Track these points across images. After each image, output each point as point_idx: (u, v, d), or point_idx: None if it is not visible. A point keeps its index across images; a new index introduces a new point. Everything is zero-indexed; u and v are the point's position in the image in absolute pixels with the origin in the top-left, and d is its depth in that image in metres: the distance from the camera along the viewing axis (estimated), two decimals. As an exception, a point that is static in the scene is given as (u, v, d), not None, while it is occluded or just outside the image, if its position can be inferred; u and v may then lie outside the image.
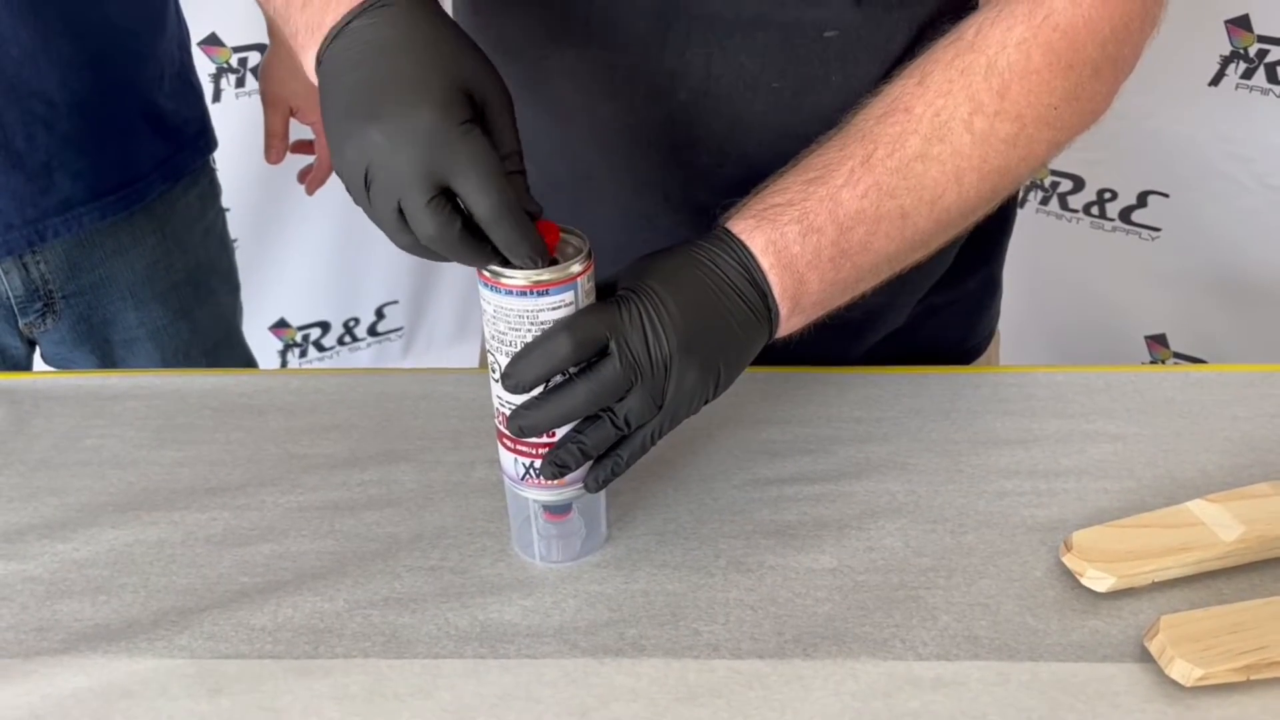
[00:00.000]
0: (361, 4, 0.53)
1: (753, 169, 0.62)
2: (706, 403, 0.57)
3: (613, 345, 0.53)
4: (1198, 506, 0.61)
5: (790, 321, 0.58)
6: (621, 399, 0.54)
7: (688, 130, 0.68)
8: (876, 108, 0.60)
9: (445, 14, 0.54)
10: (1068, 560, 0.60)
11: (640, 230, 0.72)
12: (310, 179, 1.19)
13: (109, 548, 0.63)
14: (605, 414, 0.55)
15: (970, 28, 0.60)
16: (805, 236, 0.57)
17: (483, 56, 0.53)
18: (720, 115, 0.67)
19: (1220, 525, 0.60)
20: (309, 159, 1.20)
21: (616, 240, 0.63)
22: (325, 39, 0.54)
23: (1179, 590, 0.59)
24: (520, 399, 0.55)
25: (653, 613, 0.58)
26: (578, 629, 0.57)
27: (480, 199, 0.49)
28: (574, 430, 0.56)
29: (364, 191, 0.51)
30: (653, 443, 0.57)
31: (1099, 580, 0.58)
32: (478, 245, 0.51)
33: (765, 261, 0.56)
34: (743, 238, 0.57)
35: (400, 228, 0.51)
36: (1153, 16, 0.61)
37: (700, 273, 0.56)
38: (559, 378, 0.54)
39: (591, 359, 0.54)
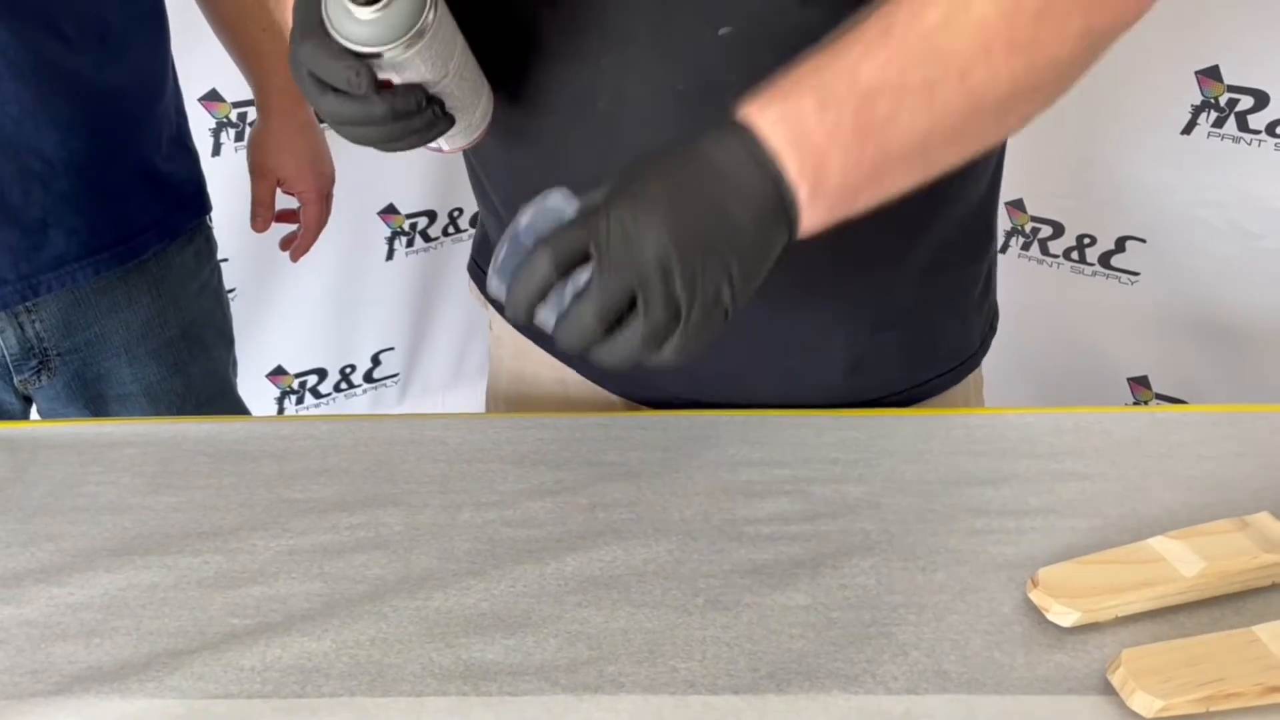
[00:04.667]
0: None
1: None
2: (729, 306, 0.55)
3: (592, 248, 0.54)
4: (1160, 543, 0.63)
5: (813, 206, 0.55)
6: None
7: (607, 139, 0.69)
8: None
9: None
10: (1034, 596, 0.61)
11: None
12: (295, 247, 1.19)
13: (103, 591, 0.65)
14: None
15: None
16: (823, 110, 0.53)
17: None
18: (633, 122, 0.68)
19: (1181, 561, 0.62)
20: (292, 227, 1.20)
21: None
22: None
23: (1142, 624, 0.61)
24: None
25: (631, 650, 0.60)
26: (558, 667, 0.59)
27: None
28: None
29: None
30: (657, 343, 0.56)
31: (1064, 615, 0.60)
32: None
33: (776, 140, 0.54)
34: (751, 119, 0.54)
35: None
36: None
37: (692, 168, 0.54)
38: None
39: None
